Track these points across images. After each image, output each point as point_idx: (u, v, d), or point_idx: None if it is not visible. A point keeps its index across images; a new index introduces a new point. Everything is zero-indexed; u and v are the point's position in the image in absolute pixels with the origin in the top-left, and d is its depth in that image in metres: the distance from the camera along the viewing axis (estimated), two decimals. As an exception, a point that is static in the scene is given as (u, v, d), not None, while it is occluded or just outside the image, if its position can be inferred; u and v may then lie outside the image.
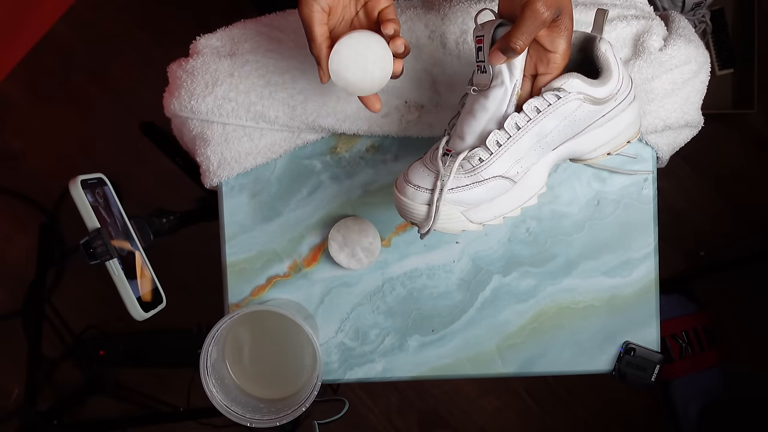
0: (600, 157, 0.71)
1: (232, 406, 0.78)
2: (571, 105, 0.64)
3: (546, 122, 0.64)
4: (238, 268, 0.85)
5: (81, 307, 1.67)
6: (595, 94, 0.64)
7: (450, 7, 0.80)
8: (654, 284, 0.85)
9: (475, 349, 0.86)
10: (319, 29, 0.67)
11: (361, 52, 0.66)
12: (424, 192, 0.65)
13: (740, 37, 1.52)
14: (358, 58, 0.66)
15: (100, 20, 1.69)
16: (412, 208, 0.66)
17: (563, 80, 0.63)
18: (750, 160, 1.61)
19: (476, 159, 0.65)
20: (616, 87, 0.66)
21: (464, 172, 0.65)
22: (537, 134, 0.65)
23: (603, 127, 0.68)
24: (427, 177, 0.66)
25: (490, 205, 0.67)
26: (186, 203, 1.39)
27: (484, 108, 0.65)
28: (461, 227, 0.67)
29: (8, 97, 1.70)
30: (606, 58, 0.65)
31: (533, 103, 0.64)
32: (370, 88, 0.68)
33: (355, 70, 0.67)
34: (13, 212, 1.69)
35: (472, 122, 0.66)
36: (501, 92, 0.65)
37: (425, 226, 0.66)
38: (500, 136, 0.65)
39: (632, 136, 0.71)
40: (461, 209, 0.66)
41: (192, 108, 0.80)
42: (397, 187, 0.68)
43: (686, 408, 1.53)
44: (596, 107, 0.65)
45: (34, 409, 1.58)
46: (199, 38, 0.83)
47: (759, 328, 1.60)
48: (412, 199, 0.66)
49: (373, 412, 1.68)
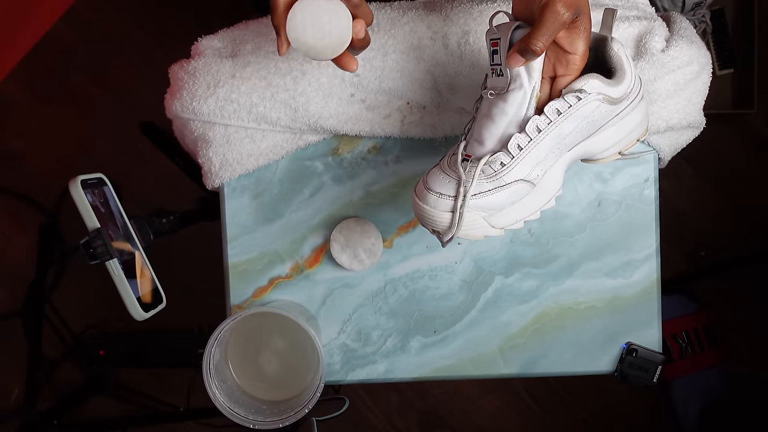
0: (612, 157, 0.70)
1: (234, 408, 0.78)
2: (591, 106, 0.63)
3: (566, 124, 0.64)
4: (239, 270, 0.85)
5: (81, 307, 1.67)
6: (612, 94, 0.64)
7: (452, 8, 0.80)
8: (656, 285, 0.85)
9: (477, 350, 0.86)
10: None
11: (315, 13, 0.65)
12: (447, 199, 0.64)
13: (740, 37, 1.52)
14: (313, 19, 0.64)
15: (100, 20, 1.69)
16: (434, 216, 0.64)
17: (584, 81, 0.63)
18: (750, 160, 1.61)
19: (498, 163, 0.64)
20: (629, 86, 0.65)
21: (486, 177, 0.64)
22: (557, 136, 0.64)
23: (615, 126, 0.68)
24: (449, 184, 0.64)
25: (511, 210, 0.66)
26: (186, 203, 1.39)
27: (503, 112, 0.65)
28: (484, 233, 0.66)
29: (8, 97, 1.69)
30: (619, 58, 0.65)
31: (554, 106, 0.63)
32: (331, 51, 0.66)
33: (314, 32, 0.65)
34: (13, 212, 1.69)
35: (491, 126, 0.65)
36: (520, 95, 0.64)
37: (449, 234, 0.65)
38: (521, 139, 0.64)
39: (641, 134, 0.71)
40: (484, 215, 0.65)
41: (194, 109, 0.80)
42: (417, 194, 0.66)
43: (686, 408, 1.53)
44: (612, 107, 0.65)
45: (34, 409, 1.58)
46: (200, 39, 0.83)
47: (759, 328, 1.60)
48: (435, 206, 0.64)
49: (373, 412, 1.68)
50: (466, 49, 0.79)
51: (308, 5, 0.65)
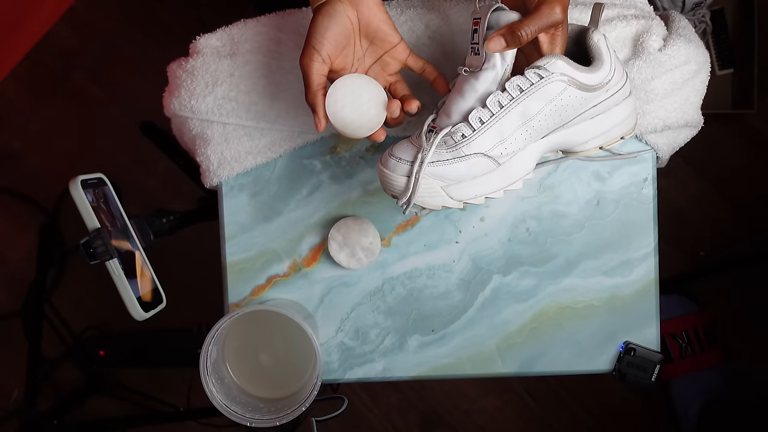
0: (591, 150, 0.72)
1: (232, 406, 0.78)
2: (555, 87, 0.64)
3: (530, 102, 0.65)
4: (238, 268, 0.85)
5: (81, 307, 1.67)
6: (583, 79, 0.65)
7: (451, 7, 0.80)
8: (654, 284, 0.85)
9: (475, 349, 0.86)
10: (316, 79, 0.68)
11: (356, 91, 0.68)
12: (404, 164, 0.67)
13: (740, 37, 1.52)
14: (353, 96, 0.68)
15: (100, 20, 1.69)
16: (392, 179, 0.67)
17: (546, 60, 0.64)
18: (750, 160, 1.61)
19: (459, 135, 0.66)
20: (606, 76, 0.66)
21: (446, 148, 0.67)
22: (522, 114, 0.65)
23: (595, 119, 0.69)
24: (410, 151, 0.67)
25: (471, 184, 0.68)
26: (186, 203, 1.39)
27: (473, 89, 0.66)
28: (441, 202, 0.68)
29: (8, 97, 1.70)
30: (598, 47, 0.66)
31: (515, 82, 0.65)
32: (367, 128, 0.69)
33: (351, 109, 0.68)
34: (13, 212, 1.69)
35: (459, 101, 0.67)
36: (492, 75, 0.66)
37: (404, 197, 0.67)
38: (483, 113, 0.66)
39: (626, 132, 0.72)
40: (442, 184, 0.67)
41: (192, 107, 0.80)
42: (381, 161, 0.70)
43: (686, 408, 1.53)
44: (585, 94, 0.66)
45: (34, 409, 1.58)
46: (199, 38, 0.83)
47: (759, 328, 1.60)
48: (393, 170, 0.67)
49: (372, 411, 1.68)
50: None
51: (349, 83, 0.68)
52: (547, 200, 0.84)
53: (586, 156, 0.78)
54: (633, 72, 0.77)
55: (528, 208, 0.84)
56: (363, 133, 0.70)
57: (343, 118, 0.68)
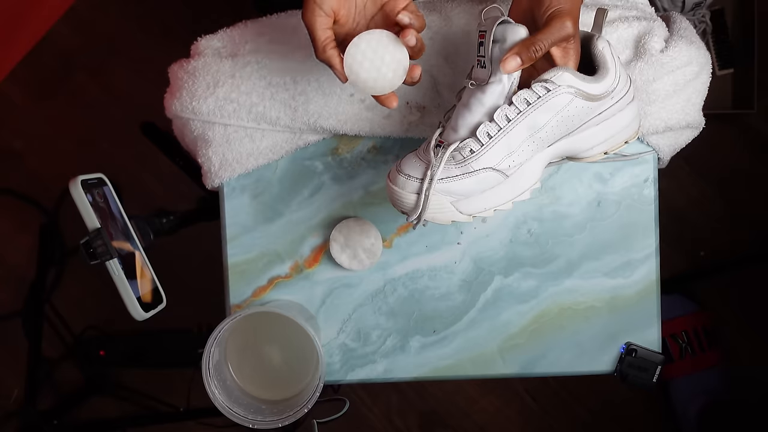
0: (597, 156, 0.71)
1: (234, 408, 0.78)
2: (562, 99, 0.64)
3: (537, 115, 0.65)
4: (239, 269, 0.85)
5: (81, 307, 1.67)
6: (589, 90, 0.65)
7: (452, 8, 0.80)
8: (655, 285, 0.85)
9: (476, 350, 0.86)
10: (322, 34, 0.66)
11: (378, 50, 0.66)
12: (414, 181, 0.66)
13: (740, 37, 1.52)
14: (374, 55, 0.66)
15: (100, 20, 1.68)
16: (401, 196, 0.67)
17: (553, 73, 0.64)
18: (750, 160, 1.61)
19: (467, 150, 0.66)
20: (612, 84, 0.66)
21: (455, 163, 0.66)
22: (529, 127, 0.65)
23: (600, 126, 0.69)
24: (419, 167, 0.67)
25: (480, 197, 0.68)
26: (186, 203, 1.39)
27: (480, 102, 0.66)
28: (451, 218, 0.68)
29: (8, 97, 1.69)
30: (603, 56, 0.66)
31: (522, 95, 0.64)
32: (381, 88, 0.67)
33: (370, 67, 0.66)
34: (13, 212, 1.69)
35: (466, 115, 0.67)
36: (499, 89, 0.65)
37: (414, 215, 0.67)
38: (491, 127, 0.65)
39: (630, 137, 0.72)
40: (451, 200, 0.67)
41: (193, 109, 0.80)
42: (389, 177, 0.69)
43: (686, 408, 1.53)
44: (591, 104, 0.65)
45: (34, 409, 1.58)
46: (200, 39, 0.83)
47: (759, 328, 1.60)
48: (402, 187, 0.67)
49: (373, 412, 1.68)
50: (466, 50, 0.79)
51: (374, 41, 0.66)
52: (549, 201, 0.84)
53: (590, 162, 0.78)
54: (635, 73, 0.77)
55: (529, 209, 0.84)
56: (377, 92, 0.68)
57: (359, 73, 0.66)
